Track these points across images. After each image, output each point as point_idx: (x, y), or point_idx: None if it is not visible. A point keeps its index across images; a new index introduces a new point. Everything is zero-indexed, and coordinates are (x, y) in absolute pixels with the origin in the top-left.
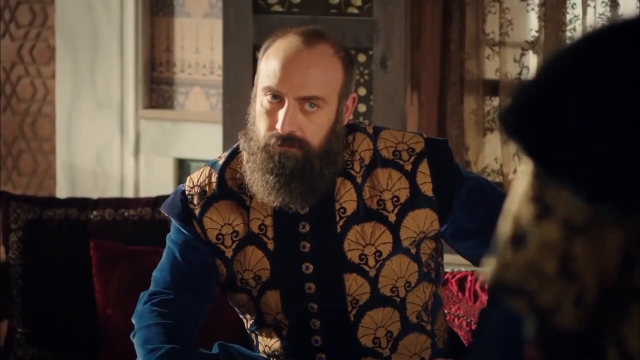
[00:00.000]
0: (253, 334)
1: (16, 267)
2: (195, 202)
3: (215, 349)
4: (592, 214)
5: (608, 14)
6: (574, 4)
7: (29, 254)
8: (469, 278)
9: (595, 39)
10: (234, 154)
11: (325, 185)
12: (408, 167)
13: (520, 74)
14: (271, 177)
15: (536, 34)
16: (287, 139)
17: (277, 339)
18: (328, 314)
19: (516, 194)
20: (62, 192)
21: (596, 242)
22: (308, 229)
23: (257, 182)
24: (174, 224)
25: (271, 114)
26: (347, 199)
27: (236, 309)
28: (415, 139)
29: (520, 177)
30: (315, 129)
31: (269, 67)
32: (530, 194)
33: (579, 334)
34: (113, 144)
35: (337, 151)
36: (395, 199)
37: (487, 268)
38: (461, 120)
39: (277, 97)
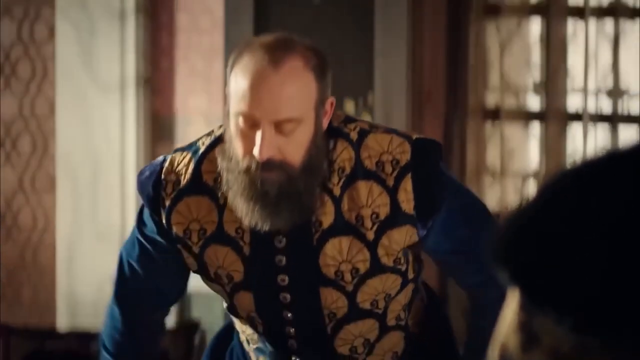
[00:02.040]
0: (232, 317)
1: None
2: (167, 190)
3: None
4: (578, 344)
5: (608, 143)
6: (575, 134)
7: None
8: None
9: (587, 169)
10: (215, 144)
11: (311, 198)
12: (390, 181)
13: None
14: (257, 206)
15: (537, 164)
16: (267, 165)
17: (253, 331)
18: (303, 324)
19: (504, 321)
20: (62, 322)
21: None
22: (284, 243)
23: (242, 208)
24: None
25: (247, 136)
26: (323, 213)
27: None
28: (402, 147)
29: (509, 304)
30: (294, 149)
31: (238, 88)
32: (517, 322)
33: None
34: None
35: (319, 163)
36: (374, 215)
37: None
38: None
39: (249, 121)
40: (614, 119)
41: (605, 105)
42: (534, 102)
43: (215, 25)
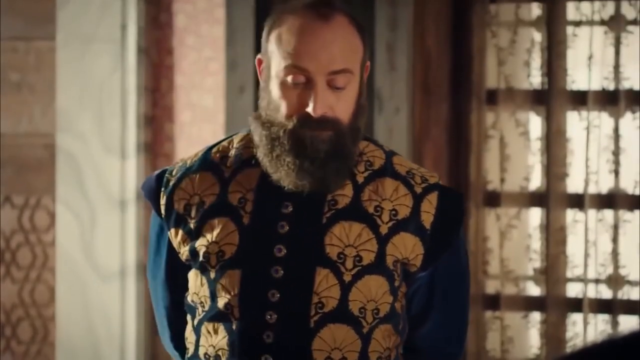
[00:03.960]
0: (195, 335)
1: None
2: (174, 173)
3: None
4: None
5: (609, 331)
6: (575, 321)
7: None
8: None
9: (587, 354)
10: (232, 135)
11: (354, 162)
12: (418, 189)
13: None
14: (305, 162)
15: (537, 351)
16: (319, 122)
17: (224, 334)
18: (287, 308)
19: None
20: None
21: None
22: (290, 210)
23: (286, 166)
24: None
25: (297, 95)
26: (340, 193)
27: (189, 303)
28: (431, 173)
29: None
30: (345, 107)
31: (287, 45)
32: None
33: None
34: None
35: (361, 127)
36: (393, 212)
37: None
38: None
39: (300, 77)
40: (613, 307)
41: (605, 294)
42: (534, 290)
43: None
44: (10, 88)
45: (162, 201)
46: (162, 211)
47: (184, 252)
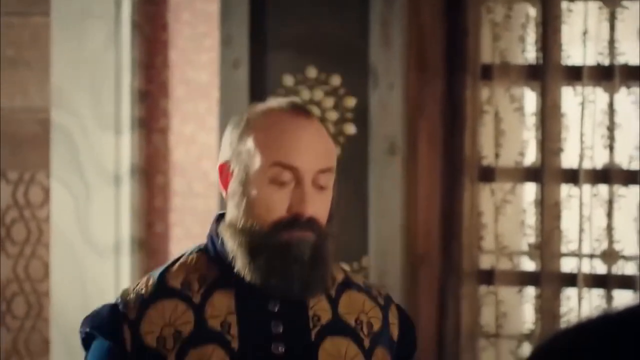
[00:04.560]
0: None
1: None
2: (130, 306)
3: None
4: None
5: (603, 305)
6: (569, 296)
7: None
8: None
9: (581, 331)
10: (177, 260)
11: (331, 270)
12: (381, 301)
13: None
14: (294, 266)
15: (532, 326)
16: (307, 222)
17: None
18: None
19: None
20: None
21: None
22: (281, 330)
23: (273, 272)
24: (93, 351)
25: (283, 195)
26: (320, 308)
27: None
28: (377, 285)
29: None
30: (325, 209)
31: (272, 143)
32: None
33: None
34: None
35: (333, 235)
36: (369, 325)
37: None
38: None
39: (287, 176)
40: (608, 282)
41: (600, 269)
42: (528, 265)
43: (210, 190)
44: (5, 64)
45: (127, 338)
46: (128, 349)
47: None
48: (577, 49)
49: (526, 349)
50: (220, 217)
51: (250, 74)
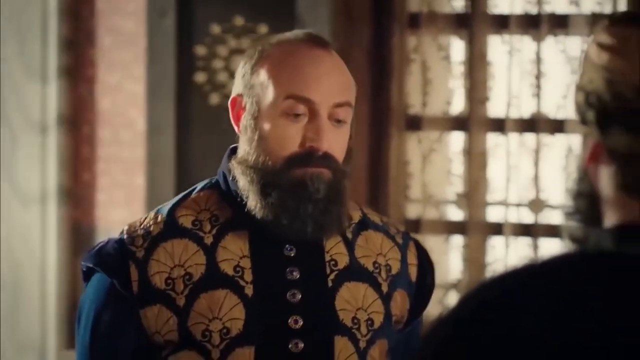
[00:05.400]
0: None
1: None
2: (137, 243)
3: None
4: None
5: (530, 255)
6: (496, 245)
7: None
8: None
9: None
10: (187, 196)
11: (347, 210)
12: (399, 239)
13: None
14: (308, 205)
15: (459, 275)
16: (323, 158)
17: None
18: None
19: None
20: None
21: None
22: (298, 276)
23: (287, 211)
24: (93, 285)
25: (298, 129)
26: (337, 252)
27: None
28: (394, 221)
29: None
30: (342, 145)
31: (287, 74)
32: None
33: None
34: None
35: (349, 173)
36: (388, 267)
37: None
38: None
39: (302, 109)
40: (534, 231)
41: (527, 217)
42: (455, 214)
43: (137, 139)
44: None
45: (134, 277)
46: (135, 288)
47: (167, 332)
48: None
49: (453, 298)
50: (233, 152)
51: (177, 22)
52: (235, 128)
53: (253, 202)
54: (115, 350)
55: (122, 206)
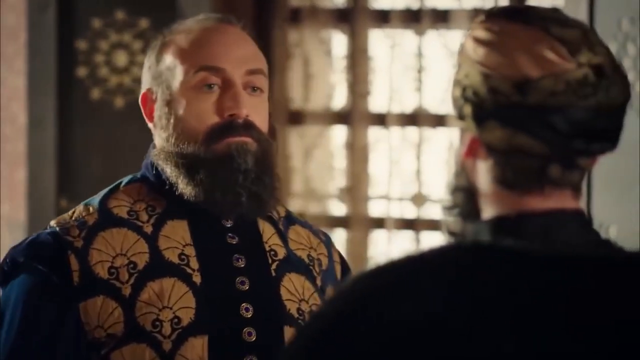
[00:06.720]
0: None
1: None
2: (73, 233)
3: None
4: None
5: (412, 248)
6: (378, 239)
7: None
8: None
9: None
10: (115, 190)
11: (277, 188)
12: (322, 236)
13: None
14: (238, 175)
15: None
16: (245, 126)
17: None
18: None
19: None
20: None
21: None
22: (244, 264)
23: (217, 186)
24: (18, 285)
25: (210, 103)
26: (274, 243)
27: None
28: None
29: None
30: (263, 114)
31: (195, 49)
32: None
33: None
34: None
35: (274, 157)
36: (319, 262)
37: None
38: None
39: (215, 79)
40: (416, 225)
41: (409, 212)
42: (338, 208)
43: (18, 133)
44: None
45: (74, 267)
46: (75, 279)
47: (111, 325)
48: None
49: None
50: (155, 148)
51: (58, 16)
52: (150, 125)
53: (183, 186)
54: (54, 351)
55: (4, 200)
